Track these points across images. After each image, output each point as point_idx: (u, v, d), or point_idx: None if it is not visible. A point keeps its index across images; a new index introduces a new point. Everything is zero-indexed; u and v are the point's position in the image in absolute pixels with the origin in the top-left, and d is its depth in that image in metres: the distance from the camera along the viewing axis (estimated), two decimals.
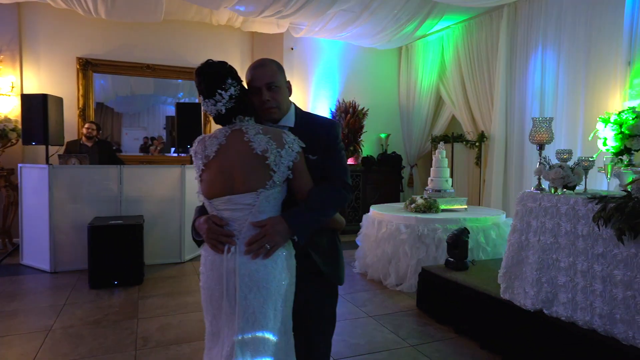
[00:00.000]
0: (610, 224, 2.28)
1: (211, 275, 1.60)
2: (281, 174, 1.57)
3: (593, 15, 4.80)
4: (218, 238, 1.55)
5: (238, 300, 1.52)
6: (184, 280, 4.63)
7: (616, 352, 2.27)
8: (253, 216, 1.55)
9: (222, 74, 1.62)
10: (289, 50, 7.34)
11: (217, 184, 1.61)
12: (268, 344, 1.55)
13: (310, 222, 1.59)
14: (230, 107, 1.62)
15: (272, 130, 1.62)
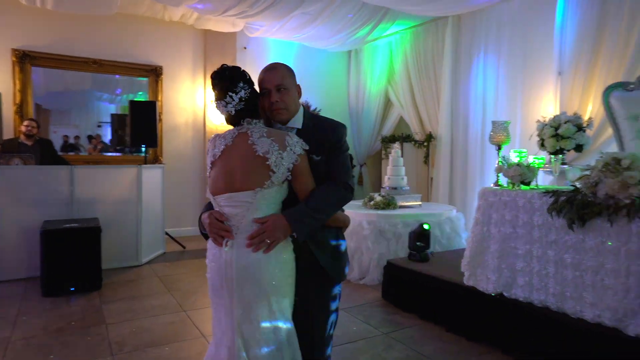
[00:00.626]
0: (562, 214, 2.62)
1: (213, 266, 1.72)
2: (280, 175, 1.68)
3: (528, 28, 5.32)
4: (218, 232, 1.67)
5: (235, 291, 1.63)
6: (144, 283, 4.51)
7: (567, 325, 2.62)
8: (251, 213, 1.66)
9: (234, 77, 1.73)
10: (241, 50, 7.32)
11: (221, 181, 1.72)
12: (266, 334, 1.64)
13: (309, 220, 1.68)
14: (239, 109, 1.72)
15: (277, 132, 1.73)
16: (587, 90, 4.56)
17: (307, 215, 1.68)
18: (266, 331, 1.65)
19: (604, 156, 2.53)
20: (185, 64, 6.96)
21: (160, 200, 5.71)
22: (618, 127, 3.84)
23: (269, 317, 1.65)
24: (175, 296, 4.11)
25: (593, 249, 2.51)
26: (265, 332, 1.65)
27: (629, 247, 2.35)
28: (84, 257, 4.22)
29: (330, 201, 1.74)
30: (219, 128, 7.09)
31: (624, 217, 2.34)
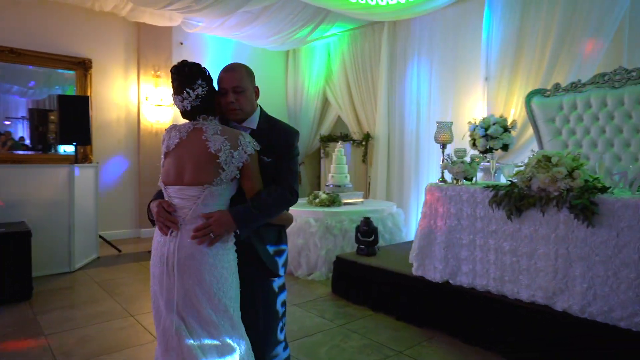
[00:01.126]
0: (501, 206, 2.92)
1: (156, 254, 1.78)
2: (230, 173, 1.74)
3: (458, 37, 5.75)
4: (165, 222, 1.72)
5: (176, 280, 1.68)
6: (81, 290, 4.23)
7: (506, 305, 2.92)
8: (197, 207, 1.72)
9: (193, 74, 1.77)
10: (178, 45, 7.09)
11: (172, 173, 1.78)
12: (206, 322, 1.70)
13: (253, 219, 1.77)
14: (195, 105, 1.77)
15: (230, 131, 1.78)
16: (510, 95, 5.05)
17: (251, 215, 1.75)
18: (206, 319, 1.70)
19: (536, 154, 2.86)
20: (117, 58, 6.58)
21: (93, 202, 5.37)
22: (538, 128, 4.32)
23: (210, 303, 1.70)
24: (119, 301, 3.91)
25: (528, 236, 2.83)
26: (205, 320, 1.70)
27: (557, 233, 2.68)
28: (12, 264, 3.87)
29: (275, 203, 1.81)
30: (154, 126, 6.82)
31: (554, 207, 2.67)
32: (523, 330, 2.81)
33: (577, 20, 4.50)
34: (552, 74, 4.69)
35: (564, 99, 4.11)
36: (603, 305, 2.50)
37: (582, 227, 2.58)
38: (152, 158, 6.81)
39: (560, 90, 4.19)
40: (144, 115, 6.76)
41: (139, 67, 6.72)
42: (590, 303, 2.55)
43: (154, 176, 6.82)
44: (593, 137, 3.92)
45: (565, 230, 2.65)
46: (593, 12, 4.36)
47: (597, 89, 3.94)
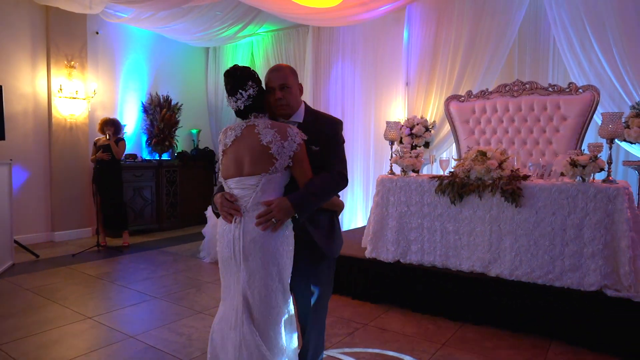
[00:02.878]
0: (445, 193, 3.48)
1: (223, 240, 1.95)
2: (283, 162, 1.94)
3: (379, 45, 6.35)
4: (229, 211, 1.90)
5: (242, 261, 1.89)
6: (15, 298, 3.87)
7: (449, 276, 3.49)
8: (256, 195, 1.91)
9: (245, 76, 1.96)
10: (93, 34, 6.63)
11: (231, 167, 1.95)
12: (268, 298, 1.91)
13: (309, 203, 1.96)
14: (248, 104, 1.95)
15: (279, 124, 1.99)
16: (427, 99, 5.78)
17: (307, 199, 1.95)
18: (265, 295, 1.90)
19: (471, 151, 3.47)
20: (23, 45, 5.95)
21: (7, 204, 4.86)
22: (455, 128, 5.06)
23: (271, 283, 1.91)
24: (66, 305, 3.69)
25: (467, 217, 3.43)
26: (264, 296, 1.90)
27: (491, 214, 3.32)
28: None
29: (328, 188, 2.01)
30: (67, 119, 6.32)
31: (489, 193, 3.30)
32: (465, 295, 3.41)
33: (479, 39, 5.35)
34: (462, 81, 5.50)
35: (476, 104, 4.91)
36: (526, 269, 3.19)
37: (510, 207, 3.24)
38: (66, 155, 6.30)
39: (472, 97, 4.98)
40: (57, 108, 6.21)
41: (48, 55, 6.15)
42: (517, 267, 3.23)
43: (68, 175, 6.33)
44: (499, 136, 4.75)
45: (497, 211, 3.29)
46: (492, 33, 5.24)
47: (501, 96, 4.78)
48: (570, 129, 4.35)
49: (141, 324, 3.32)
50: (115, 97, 6.99)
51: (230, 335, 1.90)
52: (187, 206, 7.50)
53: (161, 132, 7.15)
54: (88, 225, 6.62)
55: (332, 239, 2.11)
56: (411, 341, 3.07)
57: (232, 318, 1.91)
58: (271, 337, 1.91)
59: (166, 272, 4.78)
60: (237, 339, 1.87)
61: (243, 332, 1.85)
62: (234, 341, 1.88)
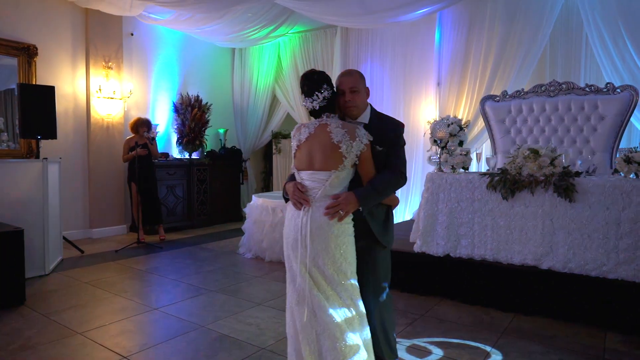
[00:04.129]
0: (497, 189, 3.62)
1: (290, 225, 2.16)
2: (350, 160, 2.11)
3: (407, 47, 6.47)
4: (299, 199, 2.09)
5: (307, 244, 2.06)
6: (82, 290, 4.01)
7: (500, 269, 3.63)
8: (325, 189, 2.09)
9: (321, 80, 2.18)
10: (128, 36, 6.77)
11: (304, 161, 2.16)
12: (329, 280, 2.08)
13: (373, 198, 2.14)
14: (322, 105, 2.16)
15: (349, 125, 2.16)
16: (459, 99, 5.92)
17: (371, 195, 2.12)
18: (330, 275, 2.07)
19: (521, 148, 3.61)
20: (64, 46, 6.09)
21: (57, 200, 5.00)
22: (491, 128, 5.20)
23: (333, 265, 2.08)
24: (129, 297, 3.83)
25: (519, 213, 3.57)
26: (329, 275, 2.07)
27: (543, 209, 3.46)
28: (3, 266, 3.56)
29: (389, 185, 2.19)
30: (105, 119, 6.46)
31: (542, 189, 3.44)
32: (515, 287, 3.55)
33: (512, 40, 5.49)
34: (494, 81, 5.64)
35: (512, 104, 5.04)
36: (580, 261, 3.32)
37: (563, 203, 3.37)
38: (102, 154, 6.44)
39: (507, 97, 5.12)
40: (95, 108, 6.35)
41: (87, 56, 6.29)
42: (570, 260, 3.36)
43: (104, 173, 6.46)
44: (535, 135, 4.89)
45: (550, 206, 3.43)
46: (525, 34, 5.38)
47: (537, 96, 4.92)
48: (608, 128, 4.49)
49: (207, 315, 3.45)
50: (147, 97, 7.14)
51: (297, 310, 2.09)
52: (215, 204, 7.64)
53: (192, 131, 7.29)
54: (122, 222, 6.76)
55: (387, 230, 2.28)
56: (470, 330, 3.21)
57: (297, 294, 2.09)
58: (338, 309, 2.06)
59: (212, 267, 4.92)
60: (306, 311, 2.05)
61: (313, 303, 2.03)
62: (302, 315, 2.06)
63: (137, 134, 5.89)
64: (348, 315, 2.08)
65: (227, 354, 2.80)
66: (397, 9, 5.45)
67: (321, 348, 2.06)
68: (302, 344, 2.10)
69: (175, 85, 7.53)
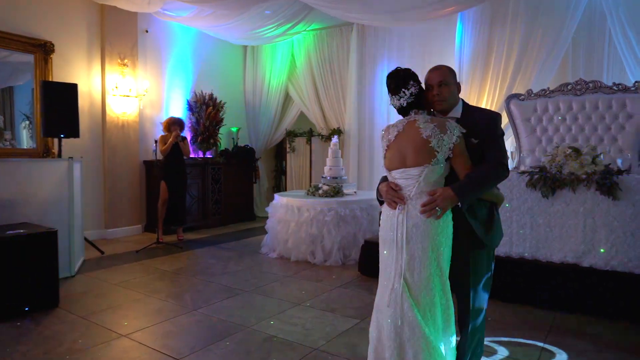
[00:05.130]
0: (537, 188, 3.62)
1: (386, 225, 2.12)
2: (443, 154, 2.06)
3: (427, 46, 6.47)
4: (393, 198, 2.07)
5: (404, 244, 2.03)
6: (113, 291, 3.94)
7: (539, 267, 3.62)
8: (420, 184, 2.04)
9: (407, 77, 2.12)
10: (143, 32, 6.68)
11: (395, 159, 2.11)
12: (427, 281, 2.02)
13: (471, 192, 2.06)
14: (410, 101, 2.12)
15: (438, 120, 2.12)
16: (481, 97, 5.92)
17: (470, 189, 2.05)
18: (425, 277, 2.02)
19: (561, 147, 3.61)
20: (80, 43, 5.99)
21: (80, 201, 4.91)
22: (516, 126, 5.21)
23: (429, 267, 2.03)
24: (164, 299, 3.77)
25: (559, 211, 3.57)
26: (424, 278, 2.02)
27: (585, 207, 3.46)
28: (37, 268, 3.48)
29: (489, 177, 2.10)
30: (120, 117, 6.37)
31: (584, 187, 3.44)
32: (555, 285, 3.55)
33: (534, 39, 5.51)
34: (516, 80, 5.66)
35: (537, 103, 5.05)
36: (623, 259, 3.33)
37: (605, 201, 3.38)
38: (118, 153, 6.35)
39: (532, 95, 5.13)
40: (110, 106, 6.26)
41: (103, 53, 6.19)
42: (612, 258, 3.37)
43: (119, 173, 6.38)
44: (562, 134, 4.91)
45: (591, 204, 3.43)
46: (547, 33, 5.40)
47: (563, 95, 4.93)
48: (636, 126, 4.51)
49: (249, 316, 3.41)
50: (162, 95, 7.05)
51: (386, 312, 2.03)
52: (229, 203, 7.58)
53: (206, 129, 7.22)
54: (137, 222, 6.68)
55: (490, 229, 2.15)
56: (517, 328, 3.20)
57: (388, 296, 2.04)
58: (428, 317, 2.02)
59: (239, 267, 4.87)
60: (397, 315, 2.00)
61: (404, 309, 1.98)
62: (392, 317, 2.00)
63: (170, 132, 5.81)
64: (437, 324, 2.04)
65: (281, 355, 2.76)
66: (423, 8, 5.43)
67: (405, 356, 2.01)
68: (386, 348, 2.05)
69: (189, 83, 7.45)
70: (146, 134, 6.78)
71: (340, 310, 3.55)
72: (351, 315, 3.45)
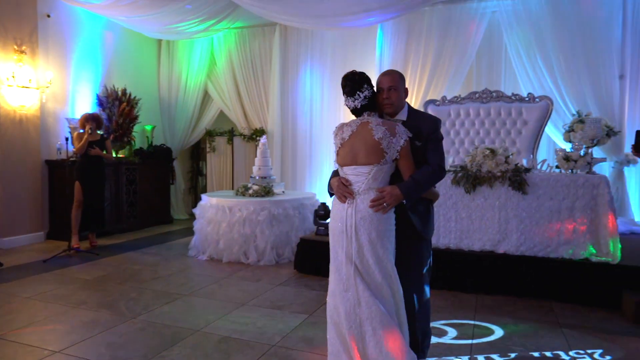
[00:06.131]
0: (460, 184, 4.04)
1: (336, 217, 2.34)
2: (391, 155, 2.30)
3: (350, 46, 6.76)
4: (343, 193, 2.28)
5: (353, 234, 2.24)
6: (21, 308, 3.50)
7: (462, 255, 4.05)
8: (368, 181, 2.27)
9: (362, 80, 2.33)
10: (44, 17, 6.00)
11: (348, 157, 2.32)
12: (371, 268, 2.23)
13: (416, 192, 2.32)
14: (363, 104, 2.33)
15: (389, 123, 2.35)
16: None
17: (415, 188, 2.30)
18: (373, 263, 2.23)
19: (479, 148, 4.08)
20: None
21: None
22: None
23: (377, 254, 2.24)
24: (101, 309, 3.46)
25: (479, 205, 4.02)
26: (372, 264, 2.23)
27: (500, 201, 3.96)
28: None
29: (431, 179, 2.36)
30: (17, 111, 5.70)
31: (499, 183, 3.93)
32: (476, 271, 4.00)
33: (445, 52, 6.11)
34: (430, 87, 6.21)
35: (451, 108, 5.61)
36: (530, 245, 3.88)
37: (516, 195, 3.90)
38: (15, 151, 5.64)
39: (446, 101, 5.68)
40: (5, 98, 5.53)
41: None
42: (521, 244, 3.90)
43: (17, 174, 5.68)
44: (472, 137, 5.51)
45: (505, 198, 3.94)
46: (457, 47, 6.03)
47: (472, 102, 5.55)
48: (530, 131, 5.25)
49: (195, 319, 3.30)
50: (66, 88, 6.39)
51: (345, 296, 2.22)
52: (146, 206, 7.14)
53: (120, 127, 6.71)
54: (38, 229, 5.98)
55: (427, 223, 2.45)
56: (449, 312, 3.55)
57: (344, 282, 2.23)
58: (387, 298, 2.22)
59: (169, 271, 4.65)
60: (353, 298, 2.20)
61: (358, 291, 2.19)
62: (350, 300, 2.20)
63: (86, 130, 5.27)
64: (389, 302, 2.23)
65: (241, 354, 2.74)
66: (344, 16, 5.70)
67: (364, 334, 2.18)
68: (347, 329, 2.20)
69: (97, 77, 6.85)
70: (49, 130, 6.11)
71: (287, 307, 3.60)
72: (299, 311, 3.53)
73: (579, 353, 2.79)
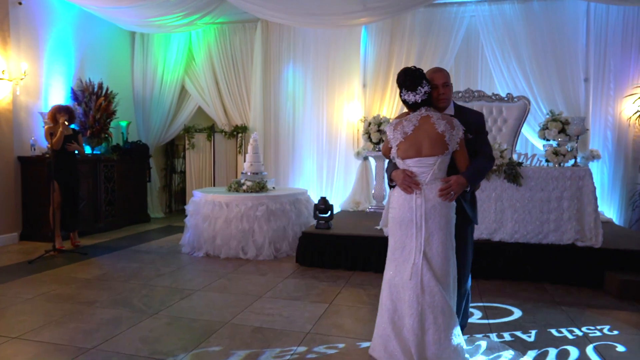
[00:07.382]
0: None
1: (402, 208, 2.45)
2: (452, 147, 2.47)
3: (333, 44, 6.89)
4: (409, 184, 2.41)
5: (423, 223, 2.39)
6: (33, 308, 3.33)
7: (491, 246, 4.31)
8: (434, 172, 2.42)
9: (421, 76, 2.49)
10: (15, 4, 5.65)
11: (411, 150, 2.45)
12: (444, 253, 2.41)
13: (477, 179, 2.53)
14: (424, 98, 2.46)
15: (447, 117, 2.52)
16: (383, 99, 6.60)
17: (476, 176, 2.50)
18: (442, 251, 2.40)
19: None
20: None
21: None
22: None
23: (444, 241, 2.41)
24: (118, 306, 3.37)
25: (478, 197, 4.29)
26: (441, 251, 2.40)
27: (496, 192, 4.25)
28: None
29: (486, 168, 2.58)
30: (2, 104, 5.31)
31: (495, 176, 4.23)
32: (474, 258, 4.26)
33: (428, 51, 6.41)
34: None
35: None
36: (523, 232, 4.21)
37: (511, 187, 4.21)
38: None
39: None
40: None
41: None
42: (515, 232, 4.22)
43: None
44: None
45: (500, 190, 4.24)
46: (438, 48, 6.35)
47: (456, 101, 5.84)
48: (510, 129, 5.65)
49: (220, 312, 3.30)
50: (39, 80, 6.04)
51: (408, 285, 2.35)
52: (124, 205, 6.88)
53: (96, 122, 6.43)
54: (11, 230, 5.63)
55: (475, 209, 2.68)
56: None
57: (408, 270, 2.36)
58: (444, 284, 2.40)
59: (170, 268, 4.56)
60: (418, 286, 2.33)
61: (425, 280, 2.33)
62: (414, 289, 2.33)
63: (57, 123, 5.00)
64: (449, 289, 2.38)
65: (280, 342, 2.80)
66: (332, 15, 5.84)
67: (425, 321, 2.32)
68: (407, 315, 2.32)
69: (71, 70, 6.52)
70: (21, 125, 5.75)
71: (305, 298, 3.68)
72: (318, 300, 3.62)
73: (590, 329, 3.08)
